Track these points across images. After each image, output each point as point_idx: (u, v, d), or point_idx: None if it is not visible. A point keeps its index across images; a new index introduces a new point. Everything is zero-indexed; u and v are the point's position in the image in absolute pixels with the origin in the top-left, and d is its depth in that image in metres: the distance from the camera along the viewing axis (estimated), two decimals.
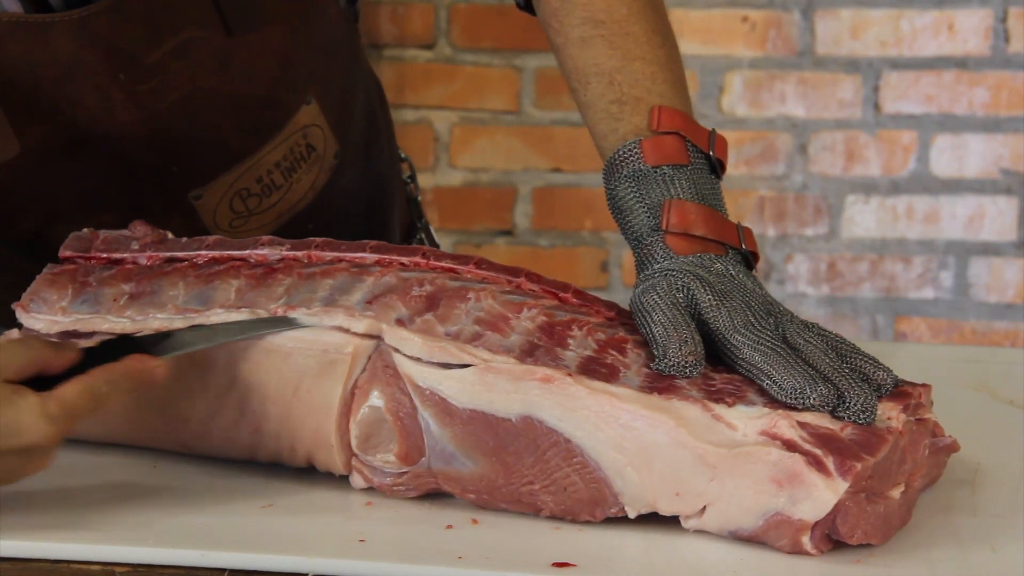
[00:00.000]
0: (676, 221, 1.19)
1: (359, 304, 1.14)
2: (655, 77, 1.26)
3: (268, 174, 1.45)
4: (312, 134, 1.47)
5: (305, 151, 1.47)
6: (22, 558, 1.05)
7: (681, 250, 1.18)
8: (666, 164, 1.21)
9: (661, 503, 1.07)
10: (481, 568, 1.03)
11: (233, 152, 1.42)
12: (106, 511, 1.11)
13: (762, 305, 1.14)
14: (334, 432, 1.14)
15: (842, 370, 1.07)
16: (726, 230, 1.21)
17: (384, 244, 1.21)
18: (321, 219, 1.52)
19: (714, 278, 1.15)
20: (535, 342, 1.12)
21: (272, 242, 1.23)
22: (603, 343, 1.12)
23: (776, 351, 1.08)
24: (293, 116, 1.44)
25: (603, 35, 1.28)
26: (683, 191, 1.21)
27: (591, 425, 1.07)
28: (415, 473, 1.13)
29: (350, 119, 1.53)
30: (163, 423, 1.20)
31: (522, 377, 1.09)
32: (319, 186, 1.50)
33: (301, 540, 1.07)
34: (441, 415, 1.11)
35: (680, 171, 1.21)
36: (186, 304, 1.18)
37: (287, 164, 1.46)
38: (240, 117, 1.41)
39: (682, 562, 1.05)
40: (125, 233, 1.28)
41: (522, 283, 1.18)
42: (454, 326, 1.13)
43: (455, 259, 1.19)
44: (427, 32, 3.19)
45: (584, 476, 1.08)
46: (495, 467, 1.10)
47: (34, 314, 1.22)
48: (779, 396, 1.06)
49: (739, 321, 1.11)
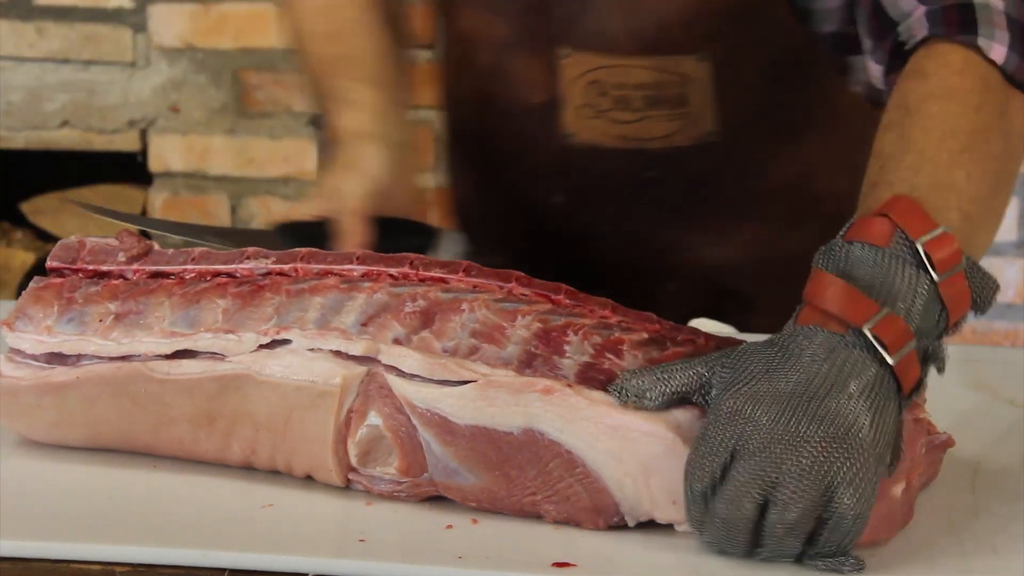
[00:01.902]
0: (807, 289, 1.10)
1: (354, 327, 1.14)
2: (920, 171, 1.16)
3: (628, 88, 1.45)
4: (692, 89, 1.46)
5: (675, 98, 1.46)
6: (22, 558, 1.05)
7: (803, 319, 1.08)
8: (858, 240, 1.10)
9: (658, 512, 1.07)
10: (481, 568, 1.03)
11: (610, 41, 1.44)
12: (106, 511, 1.11)
13: (794, 399, 1.03)
14: (331, 457, 1.13)
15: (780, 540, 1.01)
16: (859, 310, 1.07)
17: (371, 254, 1.20)
18: (652, 179, 1.50)
19: (778, 352, 1.07)
20: (532, 351, 1.11)
21: (257, 254, 1.21)
22: (599, 347, 1.11)
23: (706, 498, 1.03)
24: (682, 58, 1.44)
25: (903, 122, 1.21)
26: (840, 264, 1.09)
27: (590, 436, 1.07)
28: (415, 483, 1.13)
29: (745, 116, 1.50)
30: (156, 442, 1.19)
31: (523, 390, 1.08)
32: (676, 144, 1.48)
33: (301, 540, 1.07)
34: (442, 434, 1.10)
35: (864, 249, 1.09)
36: (172, 327, 1.17)
37: (647, 95, 1.46)
38: (640, 15, 1.43)
39: (682, 562, 1.05)
40: (112, 242, 1.25)
41: (513, 288, 1.16)
42: (451, 341, 1.12)
43: (444, 266, 1.18)
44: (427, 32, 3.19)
45: (587, 486, 1.08)
46: (498, 480, 1.10)
47: (19, 332, 1.20)
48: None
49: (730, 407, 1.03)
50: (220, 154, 2.96)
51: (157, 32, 2.92)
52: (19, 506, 1.11)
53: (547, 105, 1.49)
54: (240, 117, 2.92)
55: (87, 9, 2.92)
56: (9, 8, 2.93)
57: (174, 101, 2.93)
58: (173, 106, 2.93)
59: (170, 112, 2.94)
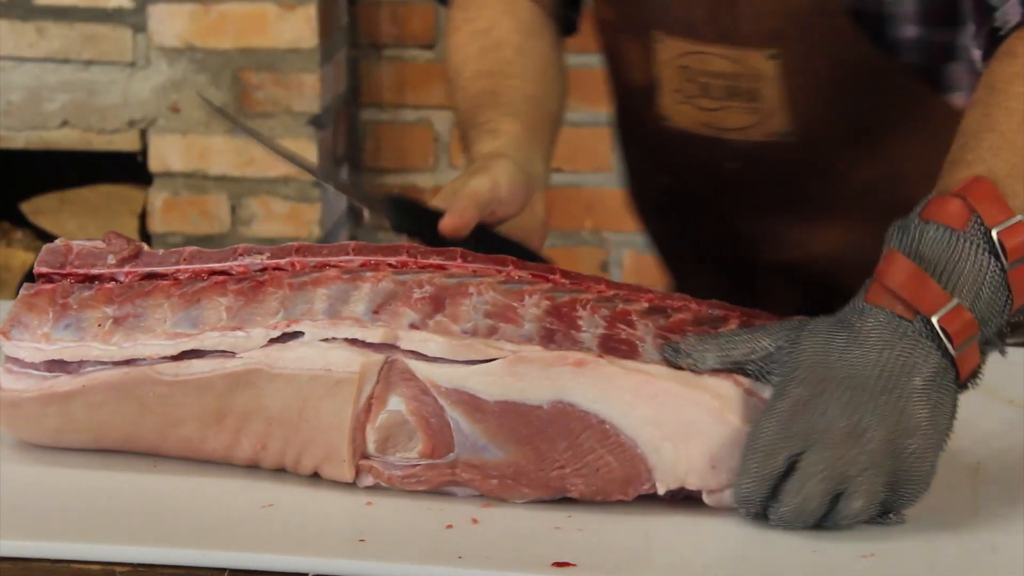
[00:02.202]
0: (880, 267, 1.12)
1: (366, 314, 1.14)
2: (999, 153, 1.17)
3: (710, 76, 1.46)
4: (764, 85, 1.46)
5: (749, 92, 1.47)
6: (22, 558, 1.05)
7: (871, 298, 1.11)
8: (934, 220, 1.11)
9: (692, 477, 1.10)
10: (481, 568, 1.03)
11: (694, 27, 1.45)
12: (106, 511, 1.11)
13: (857, 386, 1.07)
14: (347, 446, 1.13)
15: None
16: (928, 298, 1.09)
17: (365, 244, 1.20)
18: (735, 170, 1.51)
19: (844, 330, 1.10)
20: (549, 327, 1.13)
21: (250, 251, 1.21)
22: (609, 318, 1.14)
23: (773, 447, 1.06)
24: (753, 51, 1.44)
25: (987, 101, 1.21)
26: (913, 244, 1.11)
27: (627, 405, 1.09)
28: (431, 465, 1.13)
29: (821, 118, 1.49)
30: (162, 443, 1.18)
31: (554, 363, 1.10)
32: (752, 139, 1.48)
33: (301, 540, 1.07)
34: (471, 412, 1.11)
35: (939, 230, 1.11)
36: (175, 328, 1.16)
37: (726, 85, 1.47)
38: (718, 4, 1.43)
39: (682, 562, 1.05)
40: (99, 245, 1.23)
41: (511, 271, 1.19)
42: (468, 323, 1.13)
43: (440, 254, 1.20)
44: (427, 32, 3.19)
45: (619, 455, 1.10)
46: (527, 454, 1.11)
47: (16, 341, 1.18)
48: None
49: (794, 396, 1.08)
50: (220, 154, 2.96)
51: (157, 32, 2.92)
52: (19, 506, 1.11)
53: (647, 88, 1.51)
54: (240, 117, 2.92)
55: (87, 9, 2.92)
56: (9, 8, 2.93)
57: (174, 101, 2.93)
58: (173, 106, 2.93)
59: (170, 112, 2.94)
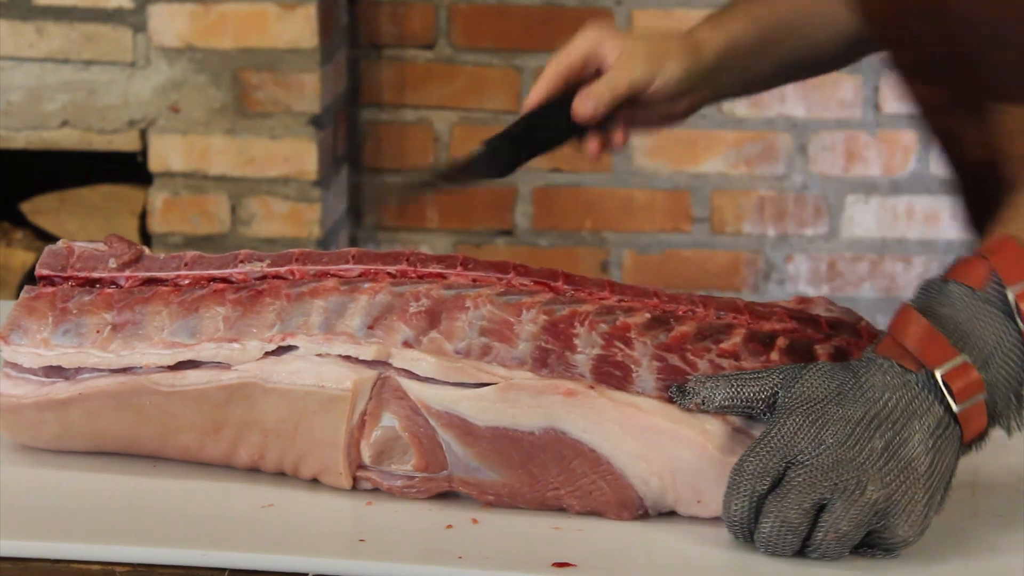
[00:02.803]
0: (892, 321, 1.11)
1: (360, 330, 1.14)
2: None
3: None
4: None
5: None
6: (22, 558, 1.05)
7: (880, 349, 1.10)
8: (955, 280, 1.10)
9: (681, 507, 1.10)
10: (481, 568, 1.03)
11: None
12: (106, 511, 1.11)
13: (848, 436, 1.05)
14: (342, 460, 1.13)
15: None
16: (935, 352, 1.08)
17: (366, 252, 1.19)
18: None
19: (850, 377, 1.08)
20: (544, 346, 1.12)
21: (251, 257, 1.20)
22: (607, 335, 1.13)
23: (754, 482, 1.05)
24: None
25: None
26: (930, 301, 1.10)
27: (616, 438, 1.09)
28: (429, 478, 1.13)
29: None
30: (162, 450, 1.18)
31: (545, 392, 1.10)
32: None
33: (301, 540, 1.07)
34: (462, 435, 1.11)
35: (959, 288, 1.10)
36: (173, 337, 1.16)
37: None
38: None
39: (682, 562, 1.05)
40: (101, 248, 1.23)
41: (512, 279, 1.17)
42: (461, 342, 1.12)
43: (441, 261, 1.18)
44: (427, 32, 3.19)
45: (610, 482, 1.10)
46: (521, 477, 1.11)
47: (15, 346, 1.17)
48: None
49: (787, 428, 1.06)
50: (220, 154, 2.95)
51: (157, 32, 2.91)
52: (19, 506, 1.11)
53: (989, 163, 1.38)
54: (240, 117, 2.92)
55: (87, 9, 2.92)
56: (9, 8, 2.92)
57: (174, 101, 2.93)
58: (173, 106, 2.93)
59: (170, 112, 2.94)
